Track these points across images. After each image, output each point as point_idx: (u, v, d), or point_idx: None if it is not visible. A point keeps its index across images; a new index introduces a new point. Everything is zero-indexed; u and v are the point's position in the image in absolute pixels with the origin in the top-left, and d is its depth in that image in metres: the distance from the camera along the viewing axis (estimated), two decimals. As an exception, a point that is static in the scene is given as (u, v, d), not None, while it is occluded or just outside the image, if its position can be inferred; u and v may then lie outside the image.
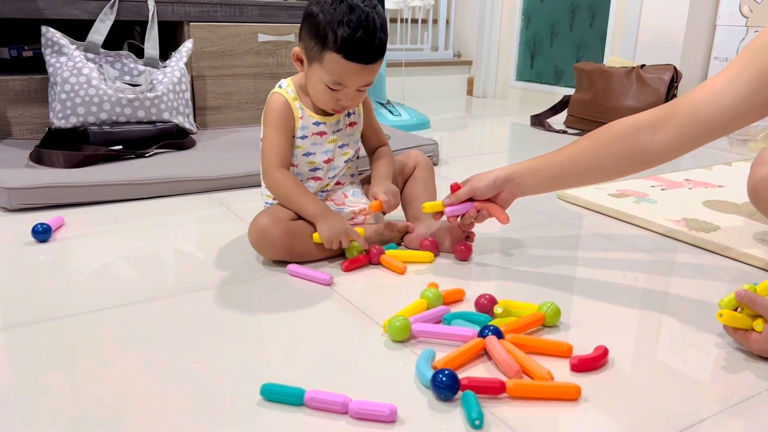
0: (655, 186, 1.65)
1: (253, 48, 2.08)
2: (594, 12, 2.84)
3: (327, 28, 1.03)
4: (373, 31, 1.03)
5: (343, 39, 1.02)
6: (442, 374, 0.72)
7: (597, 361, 0.81)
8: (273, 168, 1.11)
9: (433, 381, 0.72)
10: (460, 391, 0.72)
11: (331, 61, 1.04)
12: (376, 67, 1.08)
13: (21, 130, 1.78)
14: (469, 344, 0.81)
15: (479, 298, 0.94)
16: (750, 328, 0.82)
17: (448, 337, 0.86)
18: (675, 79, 2.21)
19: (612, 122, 1.05)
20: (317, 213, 1.08)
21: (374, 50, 1.05)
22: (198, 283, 1.03)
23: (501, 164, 2.03)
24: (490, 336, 0.82)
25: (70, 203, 1.39)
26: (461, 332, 0.85)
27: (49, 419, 0.69)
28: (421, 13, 3.29)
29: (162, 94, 1.77)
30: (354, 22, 1.01)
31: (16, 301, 0.96)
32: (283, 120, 1.12)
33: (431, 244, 1.15)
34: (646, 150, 1.00)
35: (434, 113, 2.73)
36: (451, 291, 0.98)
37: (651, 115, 1.01)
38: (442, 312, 0.92)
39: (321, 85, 1.08)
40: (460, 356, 0.79)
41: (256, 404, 0.71)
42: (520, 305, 0.93)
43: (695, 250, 1.24)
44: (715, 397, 0.76)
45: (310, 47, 1.07)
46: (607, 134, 1.04)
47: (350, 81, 1.07)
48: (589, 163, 1.06)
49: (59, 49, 1.71)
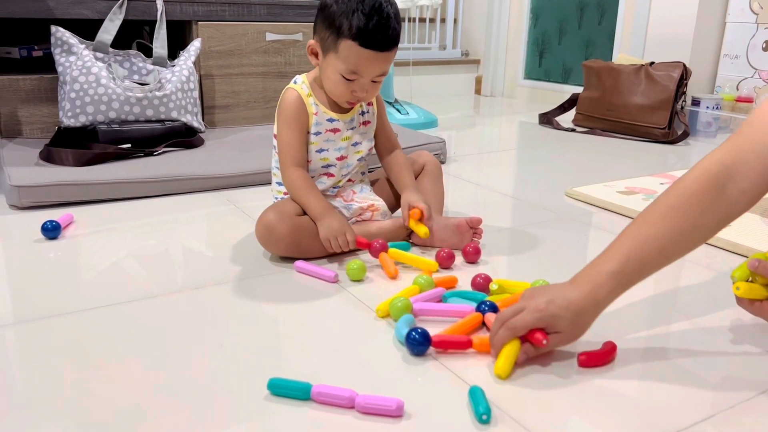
0: (665, 183, 1.64)
1: (261, 47, 2.08)
2: (603, 9, 2.83)
3: (341, 17, 1.04)
4: (386, 18, 1.05)
5: (358, 26, 1.03)
6: (415, 332, 0.80)
7: (605, 357, 0.80)
8: (288, 167, 1.12)
9: (407, 338, 0.80)
10: (431, 347, 0.81)
11: (347, 48, 1.05)
12: (391, 56, 1.09)
13: (31, 129, 1.79)
14: (467, 318, 0.87)
15: (475, 277, 1.00)
16: (766, 298, 0.83)
17: (447, 314, 0.91)
18: (684, 77, 2.19)
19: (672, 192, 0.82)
20: (318, 213, 1.09)
21: (388, 37, 1.06)
22: (206, 280, 1.03)
23: (508, 163, 2.01)
24: (489, 313, 0.88)
25: (79, 201, 1.39)
26: (460, 308, 0.91)
27: (59, 414, 0.69)
28: (429, 12, 3.28)
29: (170, 92, 1.77)
30: (368, 9, 1.03)
31: (26, 297, 0.97)
32: (297, 116, 1.12)
33: (447, 256, 1.09)
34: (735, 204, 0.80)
35: (442, 112, 2.73)
36: (443, 278, 1.01)
37: (716, 163, 0.80)
38: (439, 293, 0.96)
39: (336, 76, 1.08)
40: (458, 329, 0.85)
41: (263, 399, 0.72)
42: (514, 283, 0.98)
43: (705, 247, 1.24)
44: (724, 395, 0.75)
45: (325, 38, 1.07)
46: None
47: (365, 69, 1.07)
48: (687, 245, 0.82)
49: (69, 48, 1.72)
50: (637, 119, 2.25)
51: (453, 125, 2.56)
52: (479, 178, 1.73)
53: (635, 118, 2.26)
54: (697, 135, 2.31)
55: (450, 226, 1.17)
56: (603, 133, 2.34)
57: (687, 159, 2.02)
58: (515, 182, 1.71)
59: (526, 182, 1.72)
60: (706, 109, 2.33)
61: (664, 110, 2.20)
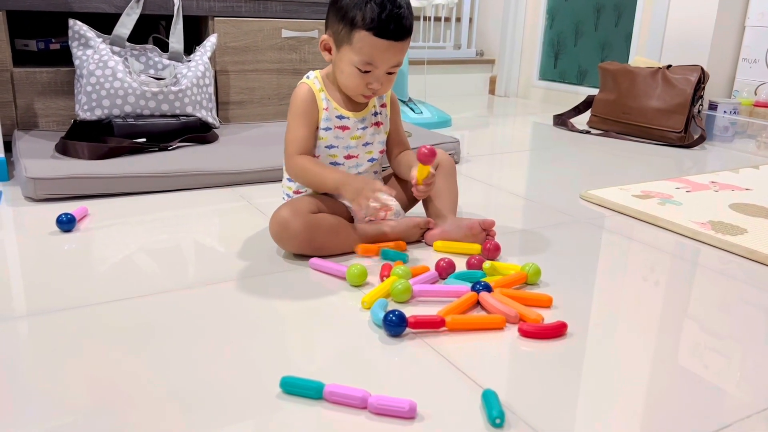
0: (680, 188, 1.62)
1: (276, 43, 2.08)
2: (620, 11, 2.80)
3: (354, 9, 1.05)
4: (399, 7, 1.06)
5: (372, 16, 1.04)
6: (392, 314, 0.85)
7: (550, 331, 0.87)
8: (293, 156, 1.12)
9: (385, 320, 0.85)
10: (408, 328, 0.85)
11: (361, 39, 1.05)
12: (405, 46, 1.09)
13: (47, 122, 1.80)
14: (463, 298, 0.94)
15: (470, 259, 1.08)
16: None
17: (445, 294, 0.97)
18: (702, 81, 2.17)
19: None
20: (338, 180, 1.09)
21: (402, 26, 1.06)
22: (218, 276, 1.03)
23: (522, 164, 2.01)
24: (484, 292, 0.95)
25: (94, 194, 1.40)
26: (456, 289, 0.98)
27: (69, 406, 0.69)
28: (444, 11, 3.27)
29: (186, 88, 1.78)
30: (380, 0, 1.04)
31: (40, 289, 0.98)
32: (307, 110, 1.12)
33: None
34: None
35: (456, 111, 2.72)
36: (416, 267, 1.05)
37: None
38: (432, 276, 1.03)
39: (351, 68, 1.08)
40: (456, 308, 0.91)
41: (276, 397, 0.71)
42: (506, 266, 1.07)
43: (720, 253, 1.22)
44: (738, 404, 0.74)
45: (338, 31, 1.08)
46: None
47: (380, 60, 1.07)
48: None
49: (86, 42, 1.73)
50: (653, 123, 2.23)
51: (466, 125, 2.55)
52: (492, 178, 1.72)
53: (651, 122, 2.24)
54: (713, 139, 2.29)
55: (463, 227, 1.16)
56: (618, 136, 2.32)
57: (703, 163, 2.00)
58: (529, 183, 1.70)
59: (540, 184, 1.71)
60: (723, 114, 2.30)
61: (680, 114, 2.18)
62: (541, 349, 0.84)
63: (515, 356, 0.83)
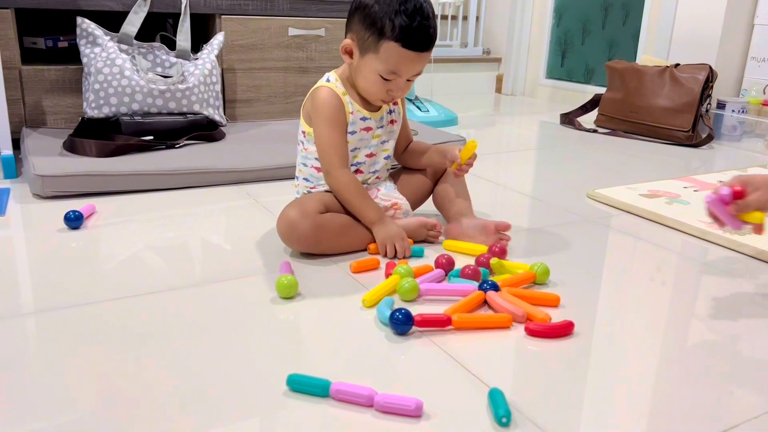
0: (688, 187, 1.62)
1: (283, 42, 2.08)
2: (628, 9, 2.79)
3: (384, 18, 1.04)
4: (427, 19, 1.06)
5: (401, 28, 1.04)
6: (399, 312, 0.84)
7: (555, 330, 0.86)
8: (337, 169, 1.12)
9: (391, 318, 0.84)
10: (414, 327, 0.85)
11: (388, 50, 1.05)
12: (429, 55, 1.10)
13: (55, 120, 1.81)
14: (470, 297, 0.93)
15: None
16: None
17: (452, 293, 0.97)
18: (710, 79, 2.16)
19: None
20: (375, 219, 1.11)
21: (429, 38, 1.07)
22: (225, 274, 1.04)
23: (529, 163, 2.01)
24: (491, 291, 0.94)
25: (101, 192, 1.41)
26: (463, 288, 0.97)
27: (76, 402, 0.70)
28: (451, 9, 3.27)
29: (193, 86, 1.78)
30: (410, 11, 1.04)
31: (48, 286, 0.98)
32: (337, 115, 1.12)
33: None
34: None
35: (462, 110, 2.72)
36: (420, 267, 1.05)
37: None
38: (438, 275, 1.03)
39: (374, 76, 1.09)
40: (462, 307, 0.91)
41: (282, 394, 0.72)
42: (514, 264, 1.07)
43: (727, 252, 1.22)
44: (745, 404, 0.74)
45: (365, 38, 1.07)
46: None
47: (405, 70, 1.08)
48: None
49: (94, 40, 1.74)
50: (661, 122, 2.22)
51: (473, 123, 2.55)
52: (498, 177, 1.72)
53: (659, 121, 2.23)
54: (721, 139, 2.28)
55: (477, 226, 1.17)
56: (625, 135, 2.31)
57: (711, 163, 1.99)
58: (535, 182, 1.70)
59: (547, 183, 1.70)
60: (731, 113, 2.29)
61: (688, 113, 2.17)
62: (547, 349, 0.84)
63: (522, 355, 0.83)
